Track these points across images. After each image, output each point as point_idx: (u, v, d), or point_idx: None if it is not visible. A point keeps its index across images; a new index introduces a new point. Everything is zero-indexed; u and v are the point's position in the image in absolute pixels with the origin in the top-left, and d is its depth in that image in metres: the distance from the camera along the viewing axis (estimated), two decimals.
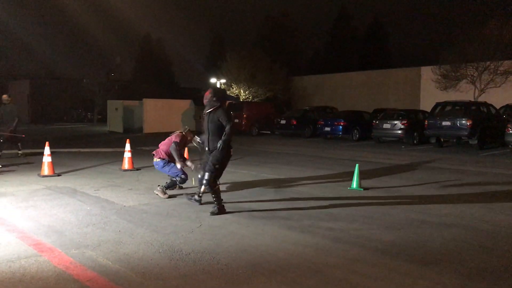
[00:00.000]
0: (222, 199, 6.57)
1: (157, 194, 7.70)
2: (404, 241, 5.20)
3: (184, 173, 7.86)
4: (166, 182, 7.92)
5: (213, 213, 6.40)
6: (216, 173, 6.47)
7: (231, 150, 6.68)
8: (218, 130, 6.48)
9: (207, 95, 6.65)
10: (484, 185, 9.21)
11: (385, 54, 50.48)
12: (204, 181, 6.49)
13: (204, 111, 6.72)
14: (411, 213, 6.65)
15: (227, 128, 6.44)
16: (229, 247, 4.92)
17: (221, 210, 6.46)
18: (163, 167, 7.86)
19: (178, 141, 7.79)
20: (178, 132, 8.09)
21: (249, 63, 33.62)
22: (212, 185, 6.43)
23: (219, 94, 6.76)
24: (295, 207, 6.88)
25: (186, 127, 8.43)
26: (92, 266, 4.30)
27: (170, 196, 7.67)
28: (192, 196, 7.10)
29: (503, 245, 5.13)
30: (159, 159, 7.89)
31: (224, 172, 6.82)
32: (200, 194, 7.03)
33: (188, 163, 7.96)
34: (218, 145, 6.40)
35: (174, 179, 7.84)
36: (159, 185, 7.89)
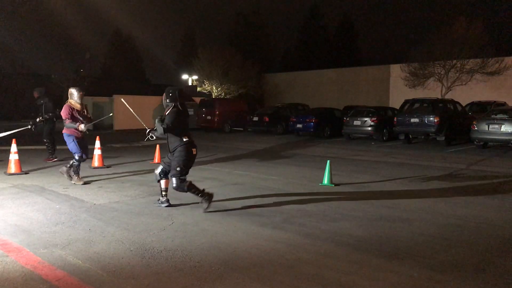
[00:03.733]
0: (203, 189, 6.38)
1: (73, 182, 8.38)
2: (374, 236, 5.30)
3: (80, 151, 8.42)
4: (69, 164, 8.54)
5: (206, 209, 6.28)
6: (180, 175, 6.24)
7: (195, 149, 6.41)
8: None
9: (163, 98, 6.50)
10: (451, 180, 9.45)
11: (355, 52, 51.23)
12: (174, 186, 6.24)
13: (164, 114, 6.50)
14: (381, 208, 6.78)
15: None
16: (202, 245, 4.91)
17: (209, 198, 6.33)
18: (66, 141, 8.52)
19: (64, 117, 8.37)
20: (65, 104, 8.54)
21: (221, 60, 33.50)
22: (183, 186, 6.24)
23: (171, 95, 6.39)
24: (267, 204, 6.90)
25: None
26: (61, 266, 4.22)
27: (86, 183, 8.39)
28: (159, 200, 6.77)
29: (469, 238, 5.28)
30: (63, 133, 8.50)
31: (191, 170, 6.77)
32: (165, 192, 6.69)
33: (82, 126, 8.35)
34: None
35: (73, 161, 8.43)
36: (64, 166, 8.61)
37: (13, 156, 9.48)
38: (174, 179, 6.25)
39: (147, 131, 6.63)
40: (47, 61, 36.89)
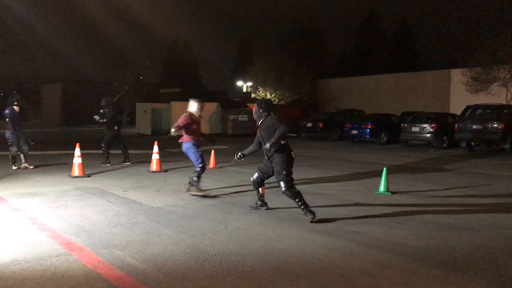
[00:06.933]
0: (307, 204, 6.33)
1: (193, 194, 7.93)
2: (432, 247, 5.10)
3: (202, 161, 8.11)
4: (191, 178, 8.16)
5: (312, 220, 6.13)
6: (288, 178, 6.38)
7: (292, 152, 6.60)
8: (271, 136, 6.41)
9: (254, 110, 6.79)
10: None
11: (414, 57, 49.75)
12: (283, 190, 6.36)
13: (257, 125, 6.82)
14: (440, 218, 6.52)
15: (281, 126, 6.36)
16: (255, 249, 4.93)
17: (312, 213, 6.22)
18: (187, 150, 8.23)
19: (179, 123, 8.03)
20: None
21: (276, 66, 33.66)
22: (291, 191, 6.32)
23: (264, 105, 6.72)
24: (321, 211, 6.82)
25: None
26: (120, 266, 4.37)
27: (205, 196, 7.96)
28: (256, 204, 7.00)
29: None
30: (182, 142, 8.24)
31: (250, 175, 6.83)
32: (262, 198, 6.99)
33: (172, 130, 7.94)
34: (272, 140, 6.31)
35: (196, 170, 8.07)
36: (187, 184, 8.20)
37: (77, 160, 9.94)
38: (282, 183, 6.38)
39: (237, 154, 7.00)
40: (108, 70, 38.57)
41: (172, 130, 7.99)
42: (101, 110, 12.40)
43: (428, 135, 18.32)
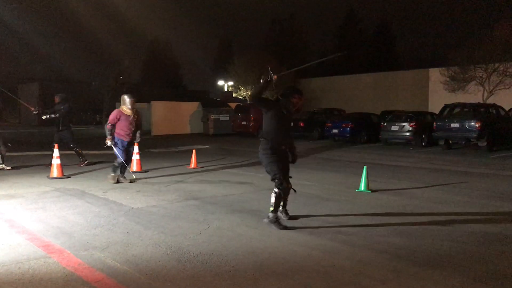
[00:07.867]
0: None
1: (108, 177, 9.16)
2: (412, 244, 5.17)
3: (121, 157, 8.99)
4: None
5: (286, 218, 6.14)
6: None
7: None
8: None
9: (300, 101, 6.07)
10: (494, 188, 9.14)
11: (393, 56, 50.42)
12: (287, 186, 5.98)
13: (291, 115, 6.15)
14: (420, 216, 6.62)
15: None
16: (237, 249, 4.92)
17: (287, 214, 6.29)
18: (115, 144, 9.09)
19: (109, 121, 9.05)
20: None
21: (257, 66, 33.65)
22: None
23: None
24: (302, 210, 6.86)
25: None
26: (100, 268, 4.32)
27: (132, 181, 9.29)
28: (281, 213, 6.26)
29: None
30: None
31: (228, 175, 6.81)
32: (286, 208, 6.35)
33: (108, 142, 8.97)
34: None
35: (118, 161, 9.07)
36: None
37: (56, 161, 9.80)
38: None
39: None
40: (87, 70, 38.05)
41: (108, 142, 8.92)
42: (48, 115, 12.26)
43: (407, 133, 18.56)
